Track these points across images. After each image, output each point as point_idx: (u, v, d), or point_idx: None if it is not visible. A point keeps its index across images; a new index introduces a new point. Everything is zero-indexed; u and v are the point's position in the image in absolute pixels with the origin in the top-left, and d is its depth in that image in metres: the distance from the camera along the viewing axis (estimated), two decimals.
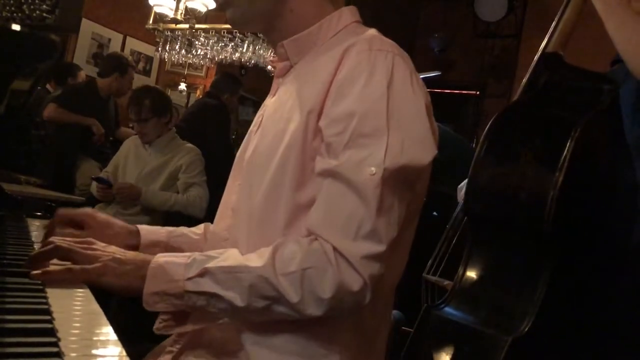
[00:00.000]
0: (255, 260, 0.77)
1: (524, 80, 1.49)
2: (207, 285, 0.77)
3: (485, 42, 5.25)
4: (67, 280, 0.76)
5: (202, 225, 1.11)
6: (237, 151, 1.03)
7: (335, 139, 0.79)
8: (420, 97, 0.82)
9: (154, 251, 1.02)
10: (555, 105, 1.40)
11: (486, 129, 1.38)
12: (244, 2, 0.92)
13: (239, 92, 3.92)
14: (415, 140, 0.80)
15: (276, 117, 0.90)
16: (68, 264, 0.80)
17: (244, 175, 0.93)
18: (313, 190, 0.81)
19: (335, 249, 0.74)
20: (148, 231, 1.06)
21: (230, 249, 0.82)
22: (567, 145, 1.23)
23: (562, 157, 1.22)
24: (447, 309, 1.37)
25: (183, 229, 1.10)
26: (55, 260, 0.81)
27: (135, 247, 1.02)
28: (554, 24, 1.51)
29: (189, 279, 0.77)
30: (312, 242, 0.76)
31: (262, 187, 0.85)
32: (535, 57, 1.50)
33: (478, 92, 5.37)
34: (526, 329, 1.21)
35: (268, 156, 0.86)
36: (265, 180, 0.85)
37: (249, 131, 1.01)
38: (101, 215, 1.03)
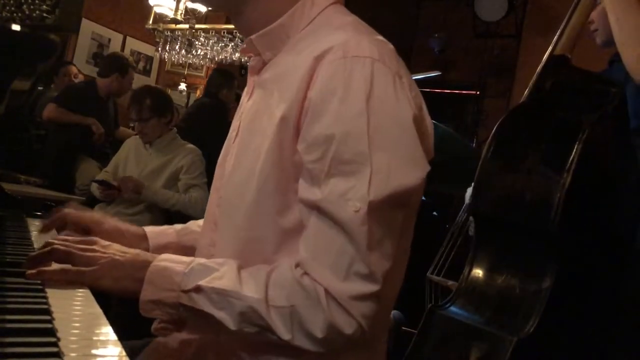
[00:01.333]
0: (251, 285, 0.74)
1: (531, 82, 1.49)
2: (201, 302, 0.75)
3: (485, 42, 5.25)
4: (62, 281, 0.76)
5: None
6: None
7: (315, 166, 0.73)
8: (405, 107, 0.75)
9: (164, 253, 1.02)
10: (562, 108, 1.41)
11: (494, 130, 1.39)
12: None
13: (235, 84, 3.90)
14: (403, 160, 0.73)
15: (253, 128, 0.85)
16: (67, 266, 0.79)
17: (224, 190, 0.89)
18: (297, 214, 0.77)
19: (326, 290, 0.70)
20: (156, 234, 1.04)
21: (229, 261, 0.79)
22: (575, 147, 1.23)
23: (570, 159, 1.22)
24: (452, 309, 1.37)
25: (191, 226, 1.07)
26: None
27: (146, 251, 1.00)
28: (561, 27, 1.51)
29: (185, 291, 0.75)
30: (303, 275, 0.72)
31: (244, 209, 0.81)
32: (543, 60, 1.50)
33: (478, 92, 5.37)
34: (532, 329, 1.21)
35: (247, 176, 0.81)
36: (245, 201, 0.80)
37: (228, 136, 0.96)
38: (109, 221, 1.01)
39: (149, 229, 1.05)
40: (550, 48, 1.53)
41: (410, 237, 0.86)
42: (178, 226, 1.08)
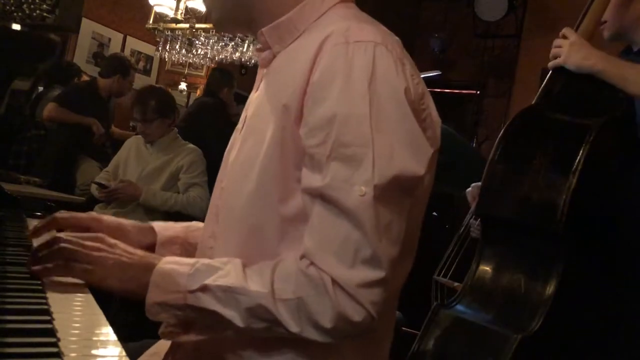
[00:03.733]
0: (256, 280, 0.74)
1: (542, 86, 1.49)
2: (207, 302, 0.74)
3: (485, 42, 5.25)
4: (66, 276, 0.76)
5: None
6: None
7: (316, 151, 0.73)
8: (404, 90, 0.74)
9: (171, 249, 1.00)
10: (570, 111, 1.41)
11: (502, 131, 1.39)
12: (214, 1, 0.90)
13: (235, 83, 3.86)
14: (405, 143, 0.73)
15: (257, 117, 0.86)
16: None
17: (227, 179, 0.88)
18: (299, 202, 0.76)
19: (333, 279, 0.70)
20: (164, 228, 1.02)
21: (233, 260, 0.79)
22: (581, 150, 1.23)
23: (576, 161, 1.23)
24: (458, 307, 1.38)
25: (199, 223, 1.06)
26: None
27: (151, 246, 0.99)
28: (574, 29, 1.51)
29: (191, 292, 0.75)
30: (308, 267, 0.72)
31: (245, 196, 0.80)
32: (549, 74, 1.50)
33: (478, 92, 5.37)
34: (536, 328, 1.22)
35: (249, 162, 0.81)
36: (247, 188, 0.80)
37: (235, 129, 0.96)
38: (108, 217, 1.01)
39: (156, 223, 1.03)
40: None
41: (416, 235, 0.85)
42: (185, 223, 1.07)
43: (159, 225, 1.03)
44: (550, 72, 1.49)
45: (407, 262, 0.85)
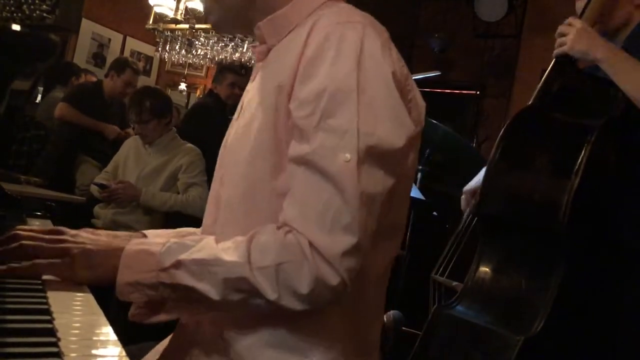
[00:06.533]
0: (231, 251, 0.74)
1: (539, 85, 1.49)
2: (182, 277, 0.74)
3: (485, 42, 5.24)
4: (36, 276, 0.75)
5: None
6: None
7: (304, 122, 0.75)
8: (390, 69, 0.78)
9: None
10: (569, 111, 1.41)
11: (502, 131, 1.39)
12: (213, 3, 0.91)
13: (228, 75, 3.62)
14: (388, 117, 0.76)
15: (251, 104, 0.87)
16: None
17: (224, 165, 0.90)
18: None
19: (310, 243, 0.71)
20: (155, 235, 1.01)
21: (206, 237, 0.79)
22: (583, 150, 1.23)
23: (578, 162, 1.23)
24: (459, 308, 1.38)
25: (190, 229, 1.06)
26: None
27: None
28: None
29: (163, 269, 0.74)
30: (286, 234, 0.73)
31: (239, 176, 0.82)
32: (552, 63, 1.50)
33: (478, 92, 5.36)
34: (538, 329, 1.21)
35: (242, 143, 0.83)
36: (240, 168, 0.82)
37: (233, 118, 0.98)
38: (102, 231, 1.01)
39: (149, 231, 1.02)
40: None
41: (402, 214, 0.86)
42: (178, 229, 1.06)
43: (150, 233, 1.02)
44: (553, 61, 1.48)
45: (394, 240, 0.86)
